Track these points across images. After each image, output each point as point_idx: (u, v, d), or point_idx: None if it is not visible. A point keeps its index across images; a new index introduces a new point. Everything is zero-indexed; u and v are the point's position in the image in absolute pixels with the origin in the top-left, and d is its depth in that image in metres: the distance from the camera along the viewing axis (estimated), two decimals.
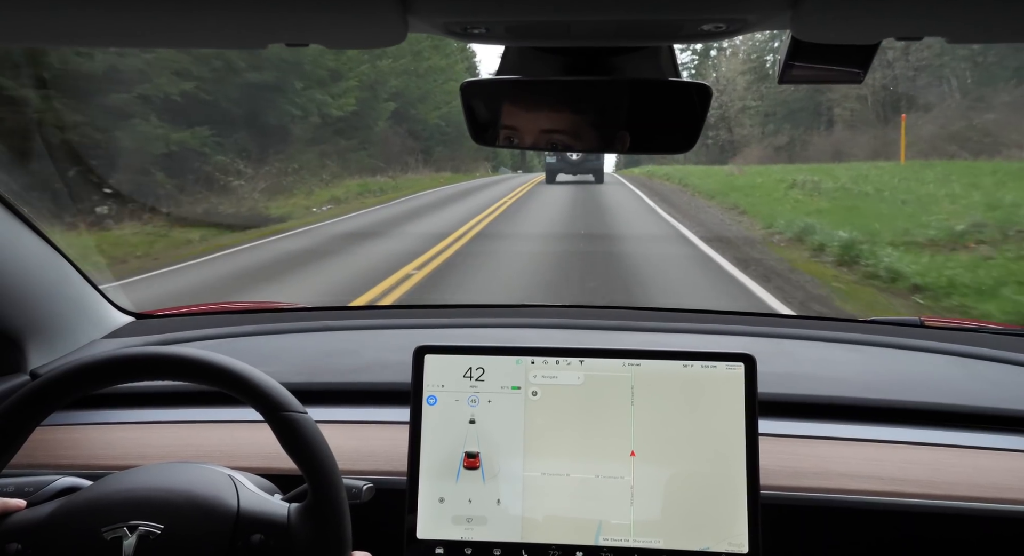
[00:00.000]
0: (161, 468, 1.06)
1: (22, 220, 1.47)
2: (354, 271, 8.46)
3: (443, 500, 1.17)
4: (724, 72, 48.34)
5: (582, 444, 1.17)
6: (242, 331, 1.76)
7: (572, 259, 8.92)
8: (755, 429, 1.15)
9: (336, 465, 1.00)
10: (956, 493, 1.20)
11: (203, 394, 1.42)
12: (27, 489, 1.06)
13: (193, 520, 0.96)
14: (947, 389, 1.45)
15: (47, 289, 1.54)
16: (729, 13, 0.68)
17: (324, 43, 0.74)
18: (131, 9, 0.65)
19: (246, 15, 0.66)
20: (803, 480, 1.23)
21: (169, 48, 1.03)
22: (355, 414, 1.42)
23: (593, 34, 0.81)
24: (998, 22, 0.68)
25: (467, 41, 0.78)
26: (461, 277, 7.70)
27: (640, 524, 1.14)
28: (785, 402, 1.40)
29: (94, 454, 1.34)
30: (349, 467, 1.19)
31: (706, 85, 0.94)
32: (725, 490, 1.14)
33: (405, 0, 0.63)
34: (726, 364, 1.17)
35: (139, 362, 1.01)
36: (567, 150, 1.04)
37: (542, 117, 0.97)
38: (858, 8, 0.63)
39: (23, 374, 1.48)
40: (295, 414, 0.99)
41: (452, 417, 1.19)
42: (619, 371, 1.19)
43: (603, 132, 0.98)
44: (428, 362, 1.21)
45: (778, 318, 2.99)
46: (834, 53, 0.83)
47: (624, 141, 0.98)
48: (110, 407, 1.48)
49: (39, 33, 0.74)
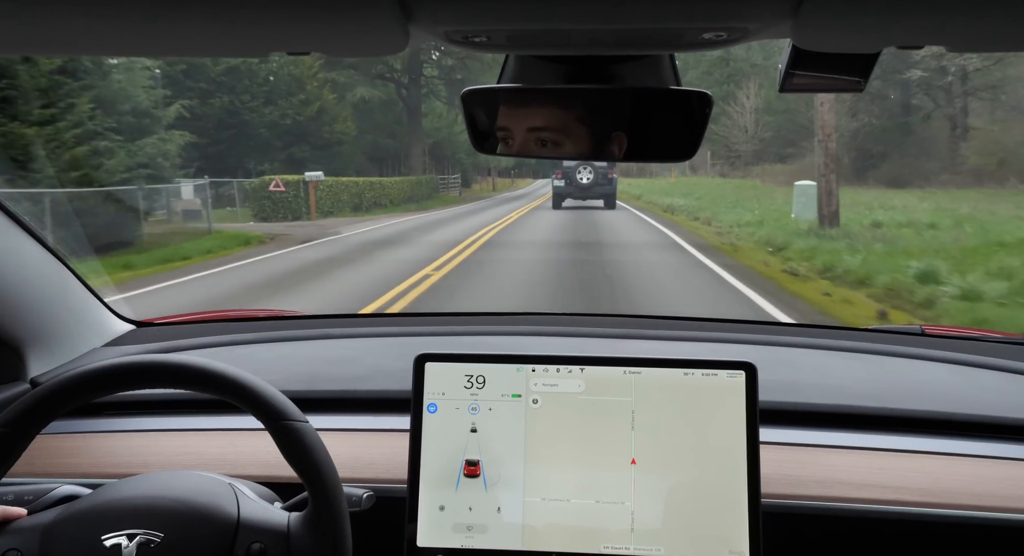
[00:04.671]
0: (161, 476, 1.06)
1: (23, 228, 1.47)
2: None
3: (443, 508, 1.17)
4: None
5: (583, 452, 1.17)
6: (242, 339, 1.76)
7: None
8: (756, 437, 1.15)
9: (336, 473, 0.99)
10: (957, 501, 1.19)
11: (203, 402, 1.42)
12: (27, 497, 1.05)
13: (193, 528, 0.96)
14: (948, 397, 1.45)
15: (48, 297, 1.54)
16: (730, 22, 0.69)
17: (326, 52, 0.74)
18: (133, 18, 0.65)
19: (248, 24, 0.67)
20: (804, 488, 1.23)
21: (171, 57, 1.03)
22: (355, 422, 1.42)
23: (594, 42, 0.81)
24: (999, 31, 0.68)
25: (468, 49, 0.78)
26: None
27: (641, 532, 1.14)
28: (786, 410, 1.39)
29: (94, 462, 1.34)
30: (349, 475, 1.19)
31: (707, 93, 0.94)
32: (726, 498, 1.14)
33: (407, 9, 0.63)
34: (727, 372, 1.17)
35: (139, 370, 1.01)
36: (567, 158, 1.04)
37: (556, 125, 0.98)
38: (858, 17, 0.63)
39: (23, 382, 1.47)
40: (295, 422, 0.99)
41: (453, 425, 1.19)
42: (620, 379, 1.18)
43: (604, 140, 0.98)
44: (429, 370, 1.21)
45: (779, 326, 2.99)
46: (835, 62, 0.83)
47: (625, 149, 0.98)
48: (110, 415, 1.48)
49: (39, 43, 0.75)
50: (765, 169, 36.08)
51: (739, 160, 41.14)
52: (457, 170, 44.88)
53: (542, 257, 12.16)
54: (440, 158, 44.51)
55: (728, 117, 38.44)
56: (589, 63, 0.93)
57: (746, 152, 39.78)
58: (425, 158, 39.69)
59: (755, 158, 39.56)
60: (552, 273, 10.15)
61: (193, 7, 0.62)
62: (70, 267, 1.61)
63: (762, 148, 39.54)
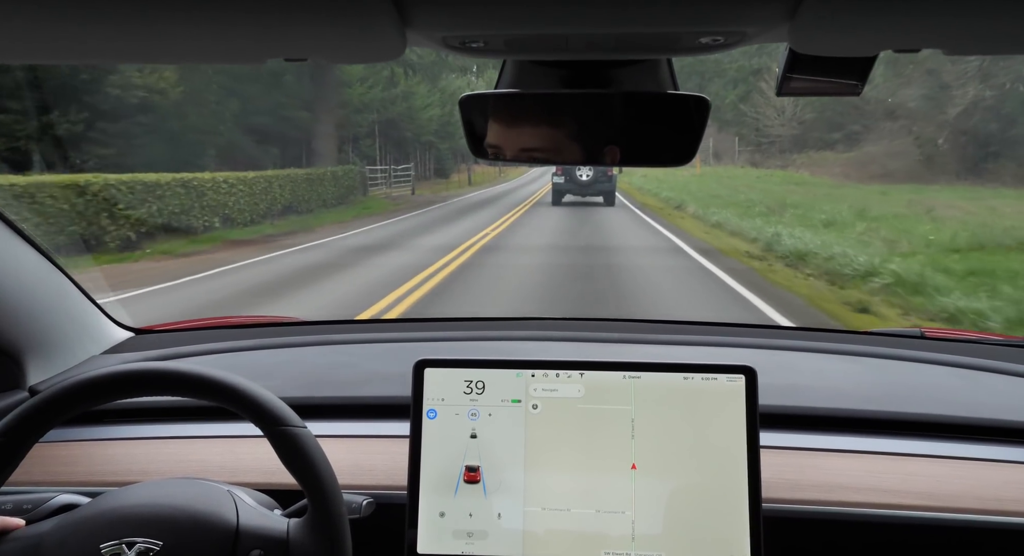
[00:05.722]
0: (160, 484, 1.05)
1: (20, 235, 1.47)
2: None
3: (444, 514, 1.17)
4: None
5: (583, 457, 1.17)
6: (241, 346, 1.76)
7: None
8: (756, 441, 1.14)
9: (336, 480, 0.99)
10: (958, 505, 1.19)
11: (202, 409, 1.41)
12: (26, 506, 1.05)
13: (192, 536, 0.96)
14: (948, 401, 1.45)
15: (46, 305, 1.53)
16: (727, 26, 0.69)
17: (323, 58, 0.74)
18: (128, 25, 0.65)
19: (244, 30, 0.67)
20: (805, 492, 1.22)
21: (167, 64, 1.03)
22: (355, 428, 1.41)
23: (591, 47, 0.81)
24: (995, 34, 0.68)
25: (466, 55, 0.79)
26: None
27: (642, 537, 1.14)
28: (786, 414, 1.39)
29: (93, 470, 1.33)
30: (349, 482, 1.18)
31: (704, 98, 0.94)
32: (727, 503, 1.13)
33: (404, 15, 0.63)
34: (727, 376, 1.17)
35: (138, 378, 1.01)
36: (564, 164, 1.04)
37: (541, 130, 0.98)
38: (855, 21, 0.64)
39: (22, 390, 1.47)
40: (294, 429, 0.99)
41: (452, 431, 1.19)
42: (620, 384, 1.18)
43: (601, 145, 0.98)
44: (428, 376, 1.20)
45: (779, 330, 2.99)
46: (832, 65, 0.83)
47: (622, 154, 0.98)
48: (109, 423, 1.48)
49: (36, 50, 0.75)
50: (811, 158, 29.48)
51: (773, 147, 34.68)
52: (428, 158, 37.02)
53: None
54: (399, 142, 33.99)
55: (761, 94, 32.27)
56: (586, 68, 0.93)
57: (782, 137, 33.63)
58: (341, 142, 27.28)
59: (793, 145, 33.28)
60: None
61: (189, 14, 0.62)
62: (68, 274, 1.60)
63: (802, 132, 32.81)
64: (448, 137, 37.99)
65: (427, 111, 36.24)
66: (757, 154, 35.91)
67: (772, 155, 34.26)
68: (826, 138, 31.38)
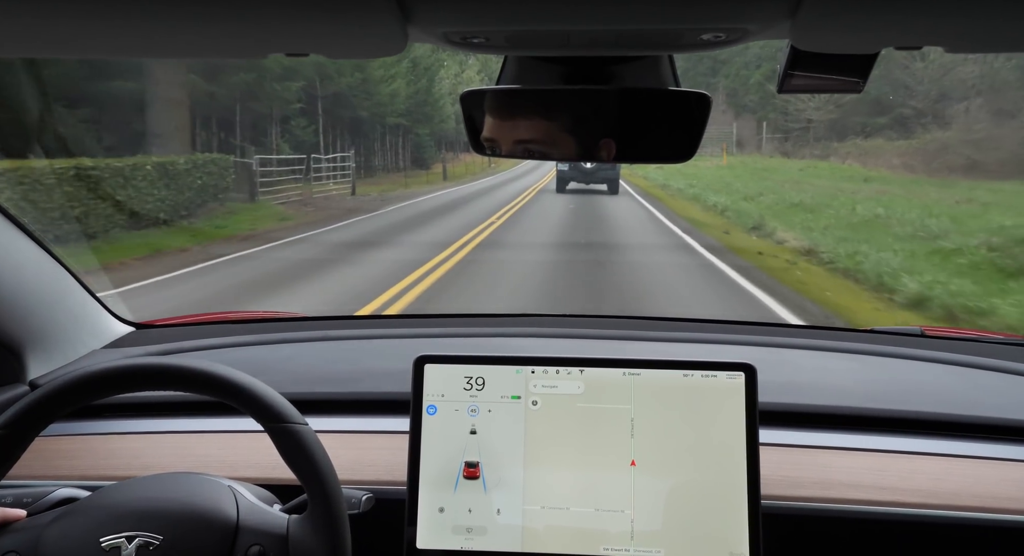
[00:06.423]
0: (160, 478, 1.06)
1: (21, 230, 1.47)
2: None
3: (443, 510, 1.17)
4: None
5: (582, 454, 1.17)
6: (242, 341, 1.76)
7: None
8: (756, 438, 1.14)
9: (335, 475, 0.99)
10: (958, 503, 1.19)
11: (203, 404, 1.42)
12: (26, 499, 1.05)
13: (192, 531, 0.96)
14: (948, 399, 1.45)
15: (46, 299, 1.53)
16: (728, 23, 0.69)
17: (324, 53, 0.74)
18: (131, 19, 0.65)
19: (246, 25, 0.67)
20: (804, 490, 1.22)
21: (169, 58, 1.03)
22: (355, 424, 1.41)
23: (593, 43, 0.81)
24: (997, 31, 0.68)
25: (467, 51, 0.78)
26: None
27: (641, 534, 1.14)
28: (786, 412, 1.39)
29: (93, 464, 1.33)
30: (348, 477, 1.19)
31: (705, 94, 0.94)
32: (726, 500, 1.14)
33: (405, 10, 0.63)
34: (727, 374, 1.17)
35: (138, 373, 1.01)
36: (566, 159, 1.04)
37: (542, 126, 0.98)
38: (857, 18, 0.64)
39: (22, 384, 1.47)
40: (294, 424, 0.99)
41: (452, 427, 1.19)
42: (619, 380, 1.18)
43: (603, 141, 0.98)
44: (428, 371, 1.20)
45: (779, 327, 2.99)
46: (834, 62, 0.83)
47: (623, 150, 0.98)
48: (109, 417, 1.48)
49: (37, 43, 0.75)
50: (859, 146, 24.04)
51: (806, 134, 29.30)
52: (401, 146, 29.72)
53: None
54: (355, 125, 26.03)
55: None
56: (587, 64, 0.93)
57: (814, 122, 28.40)
58: (196, 118, 19.88)
59: (831, 131, 27.69)
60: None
61: (191, 8, 0.61)
62: (68, 269, 1.60)
63: (840, 117, 27.52)
64: (425, 120, 31.41)
65: (388, 84, 27.29)
66: (787, 142, 30.51)
67: (805, 143, 28.86)
68: (870, 123, 25.79)
